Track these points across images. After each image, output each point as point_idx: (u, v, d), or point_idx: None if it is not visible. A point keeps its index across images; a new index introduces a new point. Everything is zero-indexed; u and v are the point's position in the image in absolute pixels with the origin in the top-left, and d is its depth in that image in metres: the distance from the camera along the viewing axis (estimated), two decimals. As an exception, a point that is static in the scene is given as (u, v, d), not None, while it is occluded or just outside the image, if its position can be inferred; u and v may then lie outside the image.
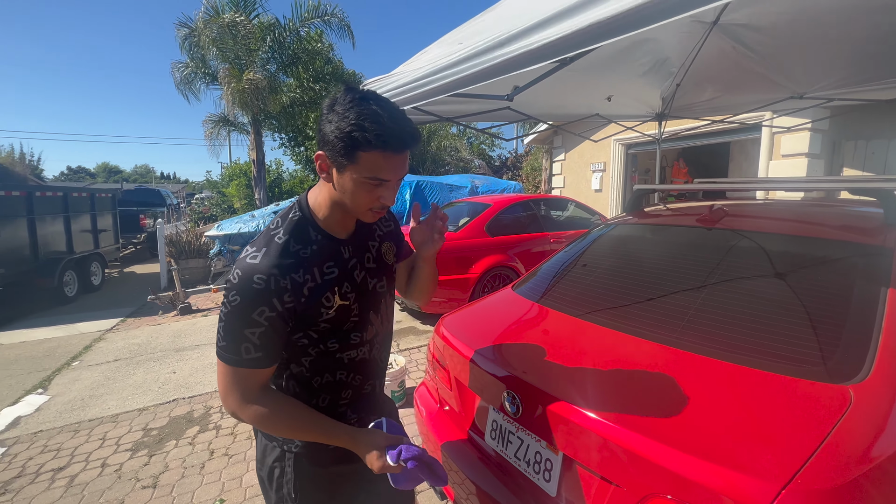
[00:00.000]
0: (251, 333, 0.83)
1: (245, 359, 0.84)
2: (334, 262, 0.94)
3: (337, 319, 0.93)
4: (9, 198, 5.69)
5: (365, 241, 1.02)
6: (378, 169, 0.83)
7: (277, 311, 0.84)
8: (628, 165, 8.50)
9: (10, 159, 24.13)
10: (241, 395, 0.86)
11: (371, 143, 0.79)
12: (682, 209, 2.23)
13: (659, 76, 3.76)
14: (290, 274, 0.85)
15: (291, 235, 0.90)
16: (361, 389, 1.05)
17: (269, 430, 0.91)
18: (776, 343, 1.16)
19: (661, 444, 0.94)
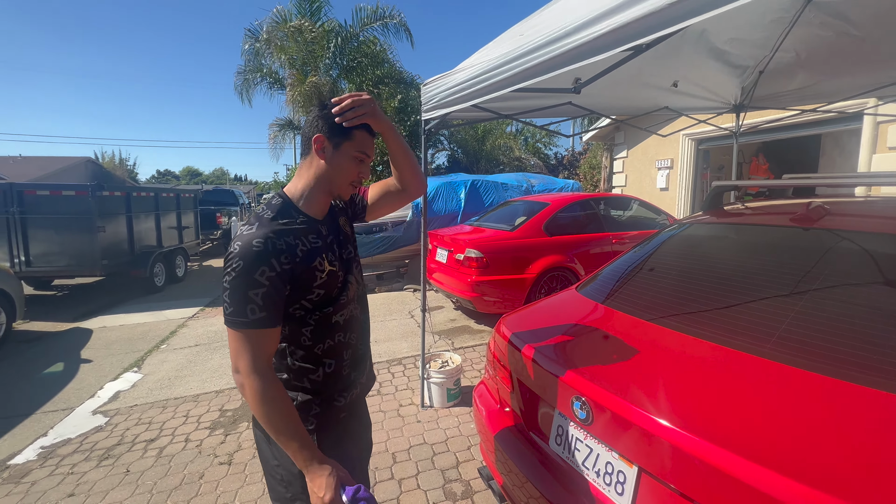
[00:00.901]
0: (255, 294, 0.92)
1: (251, 319, 0.92)
2: (316, 236, 1.06)
3: (328, 284, 1.06)
4: (112, 198, 6.43)
5: (335, 220, 1.17)
6: (365, 145, 1.07)
7: (276, 270, 0.94)
8: (699, 162, 7.90)
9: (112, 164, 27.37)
10: (250, 360, 0.92)
11: (362, 124, 1.05)
12: (770, 207, 2.03)
13: (738, 63, 3.45)
14: (283, 238, 0.98)
15: (278, 213, 1.03)
16: (357, 349, 1.18)
17: (260, 408, 0.92)
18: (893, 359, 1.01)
19: (764, 468, 0.85)
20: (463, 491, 2.16)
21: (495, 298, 4.38)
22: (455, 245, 4.67)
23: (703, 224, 2.02)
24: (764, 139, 6.82)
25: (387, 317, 5.16)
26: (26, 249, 5.79)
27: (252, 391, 0.92)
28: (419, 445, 2.55)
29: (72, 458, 2.55)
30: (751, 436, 0.93)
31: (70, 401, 3.28)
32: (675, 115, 4.17)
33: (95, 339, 4.70)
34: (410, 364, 3.73)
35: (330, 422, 1.11)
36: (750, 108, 4.03)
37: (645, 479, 1.07)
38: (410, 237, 6.76)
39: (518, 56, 1.72)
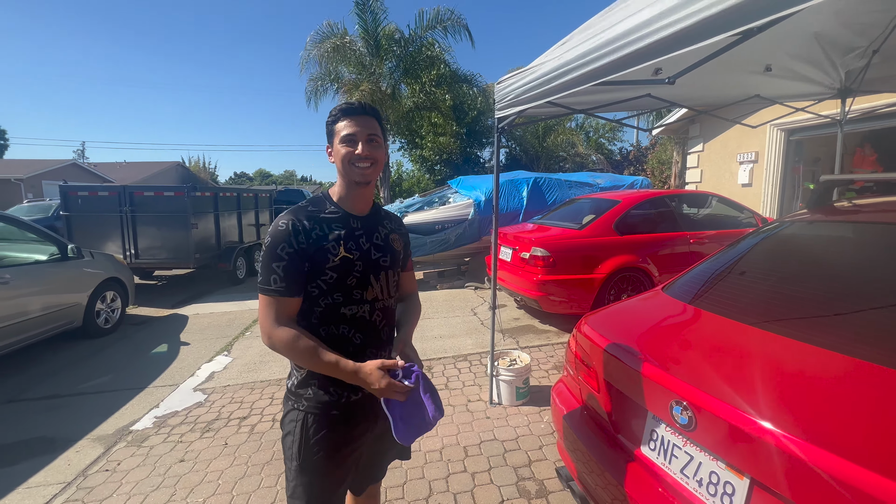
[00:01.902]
0: (277, 266, 1.09)
1: (273, 288, 1.09)
2: (342, 225, 1.18)
3: (341, 269, 1.14)
4: (203, 198, 7.12)
5: (375, 224, 1.26)
6: (344, 128, 1.16)
7: (294, 248, 1.09)
8: (790, 155, 7.15)
9: (197, 167, 30.27)
10: (273, 319, 1.10)
11: (336, 117, 1.18)
12: (890, 204, 1.80)
13: (846, 42, 3.08)
14: (303, 221, 1.13)
15: (310, 202, 1.20)
16: (363, 353, 1.20)
17: (291, 354, 1.10)
18: None
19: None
20: (537, 490, 2.15)
21: (562, 298, 4.29)
22: (520, 243, 4.63)
23: (811, 222, 1.84)
24: (872, 127, 6.02)
25: (450, 313, 5.23)
26: (135, 243, 6.58)
27: (278, 343, 1.09)
28: (489, 441, 2.58)
29: (180, 428, 2.88)
30: (881, 449, 0.85)
31: (174, 378, 3.70)
32: (764, 105, 3.81)
33: (191, 325, 5.24)
34: (476, 360, 3.76)
35: (321, 409, 1.17)
36: (859, 93, 3.58)
37: (758, 492, 1.01)
38: (472, 235, 6.80)
39: (602, 45, 1.66)
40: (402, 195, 17.21)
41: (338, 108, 1.19)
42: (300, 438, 1.17)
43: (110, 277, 5.00)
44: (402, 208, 6.96)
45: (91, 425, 2.93)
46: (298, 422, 1.18)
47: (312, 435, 1.17)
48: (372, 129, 1.17)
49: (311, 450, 1.17)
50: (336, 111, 1.18)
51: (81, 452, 2.62)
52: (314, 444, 1.17)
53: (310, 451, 1.17)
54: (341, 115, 1.17)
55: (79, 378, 3.72)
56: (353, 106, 1.19)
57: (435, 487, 2.20)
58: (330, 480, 1.20)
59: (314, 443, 1.17)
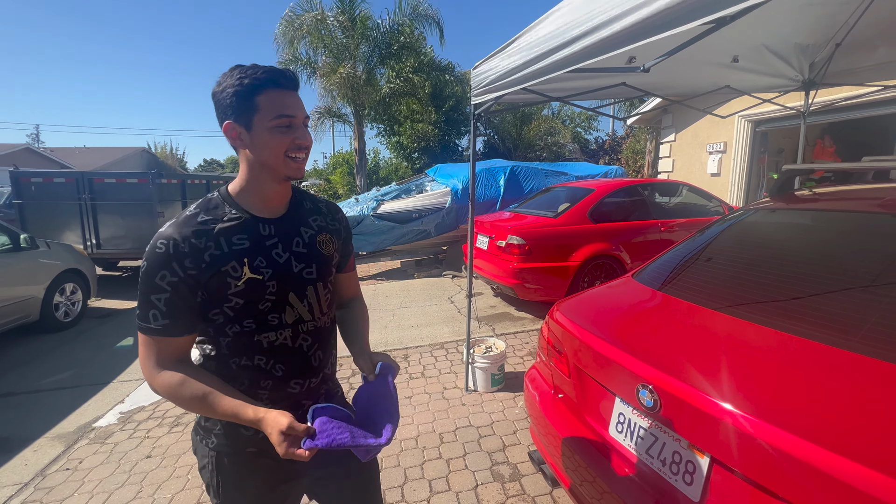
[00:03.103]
0: (157, 299, 0.85)
1: (153, 326, 0.86)
2: (247, 236, 0.91)
3: (249, 294, 0.90)
4: (169, 185, 6.84)
5: (295, 225, 0.99)
6: (279, 106, 0.86)
7: (179, 276, 0.85)
8: (756, 145, 7.39)
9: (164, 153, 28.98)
10: (153, 362, 0.87)
11: (262, 83, 0.85)
12: (850, 193, 1.88)
13: (811, 35, 3.17)
14: (190, 239, 0.86)
15: (201, 208, 0.91)
16: (286, 384, 0.97)
17: (178, 402, 0.87)
18: None
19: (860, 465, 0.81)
20: (511, 473, 2.18)
21: (537, 286, 4.34)
22: (496, 231, 4.64)
23: (773, 210, 1.90)
24: (832, 120, 6.28)
25: (427, 302, 5.23)
26: (97, 233, 6.27)
27: (163, 390, 0.87)
28: (465, 427, 2.60)
29: (147, 423, 2.79)
30: (836, 427, 0.89)
31: (140, 372, 3.56)
32: (733, 95, 3.91)
33: (159, 317, 5.05)
34: (453, 348, 3.78)
35: (234, 449, 0.98)
36: (822, 86, 3.71)
37: (717, 470, 1.04)
38: (449, 224, 6.78)
39: (580, 35, 1.65)
40: (379, 183, 17.01)
41: (260, 71, 0.86)
42: (216, 481, 0.99)
43: (69, 269, 4.76)
44: (378, 196, 6.87)
45: (50, 423, 2.80)
46: (211, 461, 0.99)
47: (232, 477, 0.99)
48: (305, 110, 0.92)
49: (233, 494, 0.99)
50: (259, 75, 0.85)
51: (39, 451, 2.51)
52: (235, 489, 0.99)
53: (232, 495, 1.00)
54: (269, 84, 0.86)
55: (37, 375, 3.54)
56: (286, 75, 0.88)
57: (410, 475, 2.20)
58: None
59: (234, 487, 0.99)
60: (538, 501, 2.00)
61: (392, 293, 5.70)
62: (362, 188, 13.21)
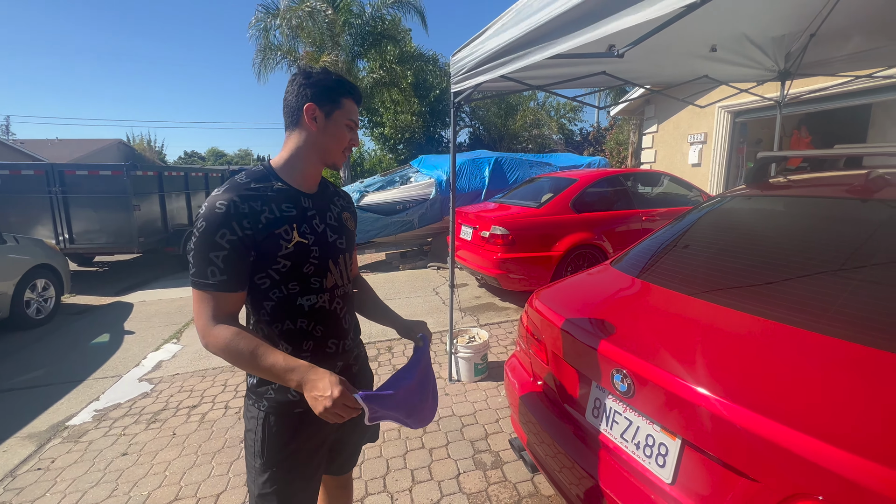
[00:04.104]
0: (216, 257, 0.92)
1: (211, 282, 0.93)
2: (293, 205, 1.03)
3: (296, 256, 1.00)
4: (146, 177, 6.63)
5: (326, 202, 1.13)
6: (353, 112, 1.07)
7: (238, 235, 0.93)
8: (735, 136, 7.52)
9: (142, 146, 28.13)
10: (208, 318, 0.93)
11: (349, 92, 1.05)
12: (820, 179, 1.91)
13: (785, 26, 3.21)
14: (248, 202, 0.95)
15: (252, 178, 1.01)
16: (324, 345, 1.10)
17: (231, 356, 0.92)
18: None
19: (816, 439, 0.82)
20: (492, 461, 2.20)
21: (521, 276, 4.36)
22: (480, 222, 4.64)
23: (748, 197, 1.93)
24: (808, 110, 6.41)
25: (412, 294, 5.21)
26: (69, 227, 6.07)
27: (215, 344, 0.93)
28: (448, 417, 2.61)
29: (123, 420, 2.72)
30: (800, 407, 0.90)
31: (118, 369, 3.48)
32: (712, 85, 3.95)
33: (136, 313, 4.94)
34: (436, 339, 3.78)
35: (283, 410, 1.07)
36: (797, 76, 3.77)
37: (689, 452, 1.06)
38: (433, 215, 6.75)
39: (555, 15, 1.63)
40: (364, 175, 16.81)
41: (349, 84, 1.06)
42: (262, 437, 1.08)
43: (40, 264, 4.60)
44: (361, 188, 6.78)
45: (21, 422, 2.71)
46: (260, 420, 1.08)
47: (276, 434, 1.08)
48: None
49: (275, 449, 1.09)
50: (348, 86, 1.06)
51: (10, 451, 2.43)
52: (278, 443, 1.09)
53: (274, 450, 1.09)
54: (351, 94, 1.06)
55: (8, 373, 3.43)
56: (360, 94, 1.10)
57: (392, 465, 2.20)
58: (299, 477, 1.12)
59: (278, 442, 1.09)
60: (519, 488, 2.02)
61: (377, 285, 5.66)
62: (346, 180, 13.04)
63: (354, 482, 2.04)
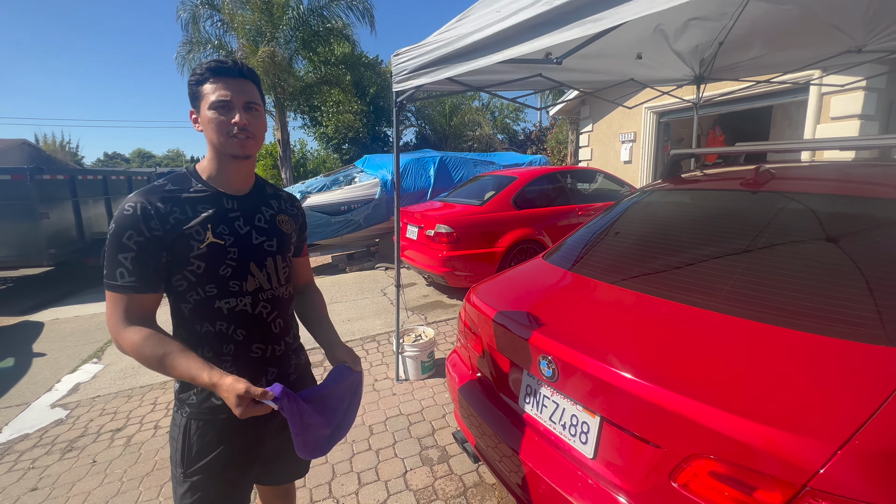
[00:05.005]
0: (124, 258, 0.93)
1: (120, 283, 0.94)
2: (210, 205, 1.01)
3: (210, 258, 0.99)
4: (55, 181, 5.97)
5: (257, 204, 1.11)
6: (214, 92, 0.97)
7: (145, 236, 0.94)
8: (660, 134, 8.13)
9: (53, 147, 25.28)
10: (118, 319, 0.94)
11: (204, 76, 0.98)
12: (722, 174, 2.12)
13: (698, 35, 3.53)
14: (156, 203, 0.96)
15: (169, 180, 1.02)
16: (248, 349, 1.07)
17: (141, 359, 0.93)
18: (831, 307, 1.10)
19: (703, 404, 0.92)
20: (439, 456, 2.23)
21: (467, 273, 4.43)
22: (425, 221, 4.66)
23: (662, 191, 2.10)
24: (721, 111, 7.07)
25: (359, 295, 5.13)
26: (-40, 240, 5.34)
27: (125, 347, 0.94)
28: (395, 417, 2.60)
29: (31, 452, 2.45)
30: (701, 381, 1.01)
31: (24, 396, 3.12)
32: (639, 88, 4.24)
33: (48, 332, 4.44)
34: (384, 340, 3.75)
35: (205, 416, 1.05)
36: (710, 80, 4.15)
37: (607, 428, 1.14)
38: (379, 215, 6.68)
39: (493, 23, 1.69)
40: (307, 176, 16.26)
41: (204, 64, 0.97)
42: (182, 445, 1.06)
43: (-78, 283, 4.00)
44: (303, 190, 6.56)
45: None
46: (181, 427, 1.06)
47: (196, 441, 1.05)
48: (251, 95, 1.00)
49: (196, 457, 1.06)
50: (202, 69, 0.97)
51: None
52: (198, 451, 1.06)
53: (195, 458, 1.06)
54: (210, 74, 0.97)
55: None
56: (226, 65, 0.99)
57: (338, 469, 2.17)
58: (221, 486, 1.09)
59: (198, 450, 1.06)
60: (465, 479, 2.06)
61: (323, 288, 5.47)
62: (288, 181, 12.54)
63: (298, 490, 1.99)
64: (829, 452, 0.77)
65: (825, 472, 0.75)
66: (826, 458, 0.76)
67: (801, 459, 0.78)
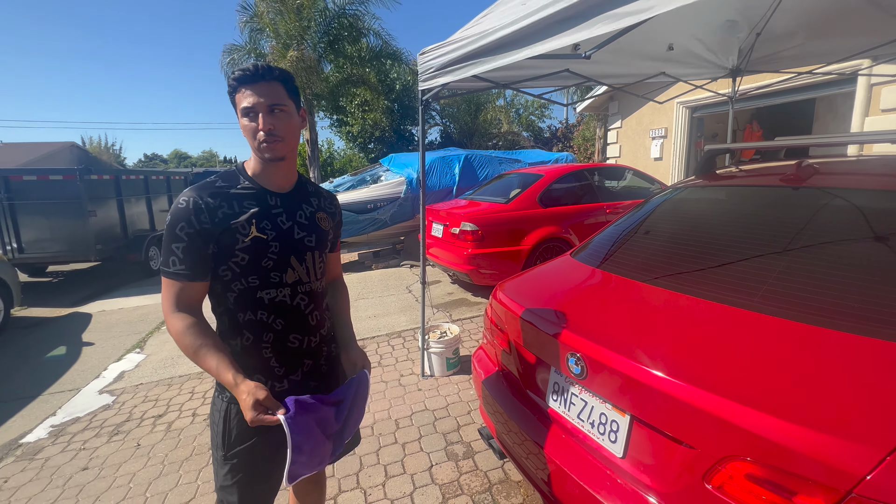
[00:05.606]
0: (176, 248, 1.01)
1: (172, 271, 1.02)
2: (255, 202, 1.08)
3: (253, 250, 1.05)
4: (101, 181, 6.33)
5: (298, 201, 1.16)
6: (243, 101, 1.02)
7: (195, 228, 1.00)
8: (693, 130, 7.85)
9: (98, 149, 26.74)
10: (169, 303, 1.03)
11: (233, 87, 1.03)
12: (760, 169, 2.04)
13: (735, 26, 3.39)
14: (206, 198, 1.02)
15: (220, 177, 1.09)
16: (286, 339, 1.13)
17: (180, 346, 1.01)
18: (881, 309, 1.05)
19: (740, 405, 0.90)
20: (464, 452, 2.24)
21: (491, 271, 4.42)
22: (451, 219, 4.67)
23: (696, 188, 2.04)
24: (758, 105, 6.76)
25: (384, 293, 5.20)
26: (17, 236, 5.73)
27: (171, 331, 1.02)
28: (421, 412, 2.64)
29: (82, 434, 2.62)
30: (738, 381, 0.98)
31: (76, 382, 3.33)
32: (670, 82, 4.12)
33: (95, 323, 4.72)
34: (410, 336, 3.79)
35: None
36: (746, 72, 3.98)
37: (637, 427, 1.13)
38: (405, 213, 6.75)
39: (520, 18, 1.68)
40: (334, 175, 16.57)
41: (233, 74, 1.02)
42: (223, 430, 1.13)
43: (-15, 276, 4.33)
44: (331, 188, 6.70)
45: (-31, 443, 2.57)
46: (221, 412, 1.13)
47: (235, 426, 1.12)
48: (275, 97, 1.02)
49: (236, 440, 1.12)
50: (231, 79, 1.02)
51: (-43, 474, 2.30)
52: (237, 435, 1.12)
53: (234, 441, 1.12)
54: (237, 84, 1.01)
55: (-49, 392, 3.23)
56: (249, 72, 1.02)
57: (365, 461, 2.21)
58: (259, 470, 1.15)
59: (237, 434, 1.12)
60: (490, 475, 2.07)
61: (350, 285, 5.61)
62: (316, 180, 12.83)
63: (327, 480, 2.04)
64: (877, 458, 0.73)
65: (872, 477, 0.72)
66: (874, 464, 0.73)
67: (847, 464, 0.75)
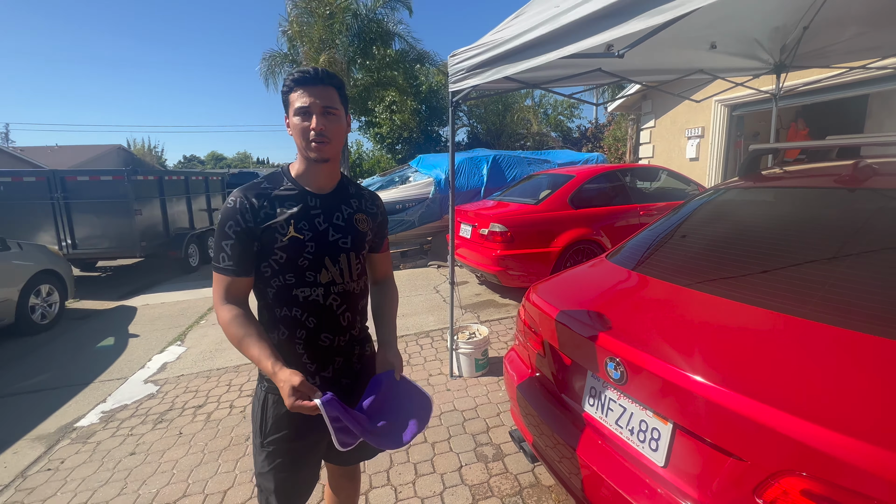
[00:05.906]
0: (226, 245, 1.08)
1: (221, 266, 1.09)
2: (295, 203, 1.12)
3: (291, 249, 1.10)
4: (146, 182, 6.68)
5: (337, 203, 1.19)
6: (298, 100, 1.07)
7: (241, 226, 1.07)
8: (732, 129, 7.52)
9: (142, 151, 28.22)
10: (219, 296, 1.10)
11: (289, 87, 1.08)
12: (811, 170, 1.94)
13: (779, 18, 3.24)
14: (251, 198, 1.09)
15: (265, 178, 1.16)
16: (317, 336, 1.16)
17: (227, 335, 1.07)
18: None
19: (797, 418, 0.86)
20: (494, 454, 2.24)
21: (520, 272, 4.39)
22: (479, 220, 4.67)
23: (739, 189, 1.96)
24: (804, 102, 6.42)
25: (412, 292, 5.25)
26: (72, 233, 6.11)
27: (220, 321, 1.09)
28: (450, 412, 2.64)
29: (130, 421, 2.77)
30: (792, 390, 0.94)
31: (123, 371, 3.52)
32: (708, 80, 3.96)
33: (140, 316, 4.98)
34: (438, 336, 3.81)
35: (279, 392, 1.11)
36: (792, 68, 3.79)
37: (680, 436, 1.09)
38: (432, 214, 6.79)
39: (552, 18, 1.67)
40: (363, 175, 16.85)
41: (291, 75, 1.08)
42: (261, 417, 1.19)
43: (44, 270, 4.64)
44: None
45: (30, 425, 2.76)
46: (260, 400, 1.19)
47: (273, 414, 1.17)
48: (329, 100, 1.08)
49: (273, 428, 1.17)
50: (289, 80, 1.08)
51: (20, 454, 2.48)
52: (274, 423, 1.17)
53: (271, 429, 1.18)
54: (294, 84, 1.07)
55: (14, 377, 3.48)
56: (308, 74, 1.08)
57: (395, 459, 2.24)
58: (295, 458, 1.20)
59: (274, 422, 1.17)
60: (520, 479, 2.05)
61: (378, 285, 5.69)
62: (346, 181, 13.08)
63: (358, 476, 2.08)
64: (952, 479, 0.69)
65: (947, 500, 0.68)
66: (948, 485, 0.68)
67: (917, 484, 0.71)
